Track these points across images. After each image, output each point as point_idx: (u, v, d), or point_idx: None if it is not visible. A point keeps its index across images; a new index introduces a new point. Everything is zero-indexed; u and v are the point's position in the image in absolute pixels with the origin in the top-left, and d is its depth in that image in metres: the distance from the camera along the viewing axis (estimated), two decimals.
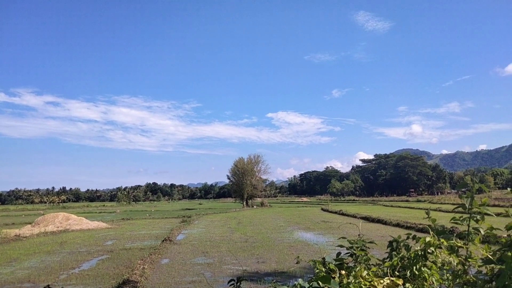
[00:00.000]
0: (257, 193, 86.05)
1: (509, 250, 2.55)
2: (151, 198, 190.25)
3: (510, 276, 2.43)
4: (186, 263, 14.49)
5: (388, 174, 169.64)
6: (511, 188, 3.15)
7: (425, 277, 3.03)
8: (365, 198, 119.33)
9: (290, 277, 11.59)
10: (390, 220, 28.48)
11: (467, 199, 3.36)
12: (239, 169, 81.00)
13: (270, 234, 23.35)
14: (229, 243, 19.66)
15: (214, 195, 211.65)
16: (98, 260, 15.83)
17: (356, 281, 3.10)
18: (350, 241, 4.02)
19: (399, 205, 59.15)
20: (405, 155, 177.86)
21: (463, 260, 3.24)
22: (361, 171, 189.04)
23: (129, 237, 23.92)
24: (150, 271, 12.98)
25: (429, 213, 3.81)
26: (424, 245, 3.16)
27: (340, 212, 43.87)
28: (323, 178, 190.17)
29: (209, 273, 12.63)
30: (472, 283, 3.11)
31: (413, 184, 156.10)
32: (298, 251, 16.49)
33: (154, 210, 71.17)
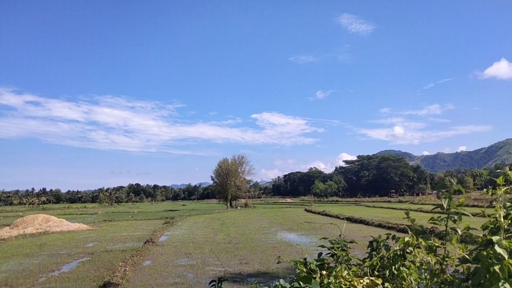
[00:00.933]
0: (241, 194, 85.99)
1: (485, 249, 2.60)
2: (134, 199, 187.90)
3: (486, 275, 2.48)
4: (168, 264, 14.37)
5: (370, 175, 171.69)
6: (486, 189, 3.21)
7: (404, 277, 3.07)
8: (348, 199, 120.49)
9: (273, 277, 11.60)
10: (373, 220, 28.83)
11: (445, 200, 3.42)
12: (223, 170, 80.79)
13: (254, 235, 23.35)
14: (212, 244, 19.58)
15: (197, 196, 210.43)
16: (78, 263, 15.56)
17: (337, 281, 3.13)
18: (331, 241, 4.05)
19: (381, 206, 59.94)
20: (388, 156, 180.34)
21: (441, 260, 3.30)
22: (344, 172, 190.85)
23: (110, 239, 23.59)
24: (132, 273, 12.82)
25: (409, 213, 3.87)
26: (403, 245, 3.21)
27: (323, 212, 44.19)
28: (307, 179, 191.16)
29: (191, 274, 12.55)
30: (450, 282, 3.17)
31: (395, 185, 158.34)
32: (281, 251, 16.53)
33: (136, 211, 70.38)
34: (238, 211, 61.24)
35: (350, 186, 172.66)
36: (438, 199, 3.61)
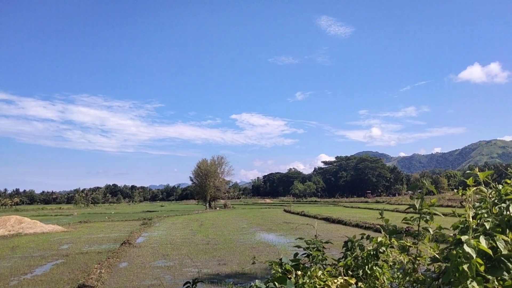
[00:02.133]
0: (220, 195, 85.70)
1: (455, 249, 2.66)
2: (111, 200, 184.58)
3: (455, 273, 2.54)
4: (145, 266, 14.18)
5: (348, 175, 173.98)
6: (457, 189, 3.29)
7: (377, 276, 3.11)
8: (327, 199, 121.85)
9: (252, 278, 11.60)
10: (350, 220, 29.19)
11: (418, 200, 3.49)
12: (202, 171, 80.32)
13: (232, 236, 23.30)
14: (190, 246, 19.43)
15: (176, 197, 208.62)
16: (52, 265, 15.17)
17: (311, 281, 3.14)
18: (307, 241, 4.08)
19: (359, 206, 60.82)
20: (365, 157, 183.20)
21: (413, 259, 3.36)
22: (323, 173, 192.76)
23: (86, 241, 23.11)
24: (108, 275, 12.59)
25: (383, 213, 3.93)
26: (376, 245, 3.25)
27: (302, 213, 44.50)
28: (286, 179, 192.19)
29: (169, 276, 12.42)
30: (421, 281, 3.23)
31: (373, 186, 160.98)
32: (259, 252, 16.54)
33: (113, 212, 69.22)
34: (217, 212, 61.02)
35: (329, 187, 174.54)
36: (411, 200, 3.68)
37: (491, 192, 3.08)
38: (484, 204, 3.05)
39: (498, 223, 2.77)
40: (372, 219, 28.91)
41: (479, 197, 3.18)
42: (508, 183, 3.10)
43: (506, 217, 2.75)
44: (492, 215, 2.85)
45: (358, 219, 29.87)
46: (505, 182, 3.12)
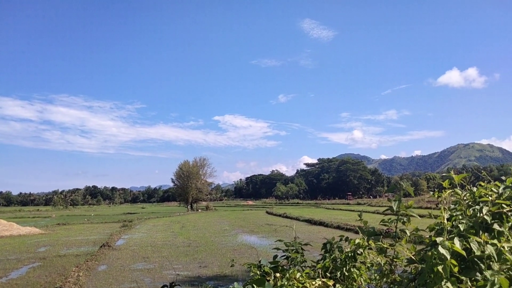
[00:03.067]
0: (202, 197, 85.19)
1: (430, 250, 2.69)
2: (91, 202, 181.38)
3: (430, 275, 2.57)
4: (125, 269, 13.96)
5: (330, 177, 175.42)
6: (433, 191, 3.34)
7: (354, 278, 3.13)
8: (309, 201, 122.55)
9: (233, 280, 11.55)
10: (332, 222, 29.41)
11: (395, 202, 3.53)
12: (184, 172, 79.69)
13: (214, 238, 23.18)
14: (171, 248, 19.24)
15: (157, 199, 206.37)
16: (28, 268, 14.80)
17: (290, 283, 3.14)
18: (286, 243, 4.08)
19: (340, 208, 61.35)
20: (347, 160, 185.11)
21: (390, 261, 3.40)
22: (305, 175, 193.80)
23: (64, 243, 22.63)
24: (86, 278, 12.36)
25: (361, 215, 3.96)
26: (354, 246, 3.27)
27: (284, 215, 44.64)
28: (268, 181, 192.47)
29: (148, 279, 12.26)
30: (398, 282, 3.27)
31: (354, 188, 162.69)
32: (241, 254, 16.50)
33: (93, 214, 68.02)
34: (199, 214, 60.65)
35: (311, 189, 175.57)
36: (389, 202, 3.72)
37: (466, 194, 3.14)
38: (459, 206, 3.11)
39: (472, 224, 2.82)
40: (353, 221, 29.19)
41: (454, 199, 3.24)
42: (482, 186, 3.17)
43: (480, 219, 2.80)
44: (466, 217, 2.90)
45: (339, 221, 30.11)
46: (479, 184, 3.19)
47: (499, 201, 2.85)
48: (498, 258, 2.57)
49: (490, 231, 2.80)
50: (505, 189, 2.99)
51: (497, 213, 2.83)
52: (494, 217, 2.83)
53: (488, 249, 2.56)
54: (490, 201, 2.88)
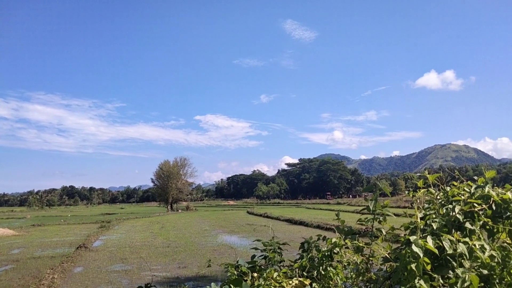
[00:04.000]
0: (183, 197, 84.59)
1: (404, 249, 2.73)
2: (68, 203, 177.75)
3: (404, 272, 2.61)
4: (101, 270, 13.72)
5: (311, 177, 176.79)
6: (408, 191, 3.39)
7: (331, 277, 3.15)
8: (290, 201, 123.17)
9: (212, 281, 11.45)
10: (312, 222, 29.62)
11: (371, 202, 3.57)
12: (164, 172, 78.92)
13: (194, 239, 23.03)
14: (150, 249, 19.02)
15: (137, 199, 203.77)
16: (1, 271, 14.37)
17: (267, 283, 3.14)
18: (264, 243, 4.08)
19: (321, 208, 61.88)
20: (327, 160, 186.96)
21: (366, 259, 3.44)
22: (286, 175, 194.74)
23: (39, 245, 22.07)
24: (61, 280, 12.09)
25: (339, 214, 3.99)
26: (331, 245, 3.30)
27: (265, 214, 44.73)
28: (250, 181, 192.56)
29: (126, 280, 12.08)
30: (374, 280, 3.31)
31: (334, 187, 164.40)
32: (221, 254, 16.44)
33: (70, 215, 66.61)
34: (179, 214, 60.17)
35: (292, 188, 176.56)
36: (366, 201, 3.77)
37: (439, 194, 3.20)
38: (433, 206, 3.17)
39: (445, 223, 2.88)
40: (333, 221, 29.49)
41: (429, 199, 3.30)
42: (455, 185, 3.24)
43: (452, 218, 2.86)
44: (439, 216, 2.96)
45: (319, 220, 30.35)
46: (452, 184, 3.26)
47: (471, 200, 2.91)
48: (469, 256, 2.63)
49: (462, 230, 2.86)
50: (476, 189, 3.06)
51: (469, 212, 2.89)
52: (466, 216, 2.89)
53: (460, 247, 2.62)
54: (462, 200, 2.95)
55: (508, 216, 2.95)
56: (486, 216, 2.90)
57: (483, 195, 2.97)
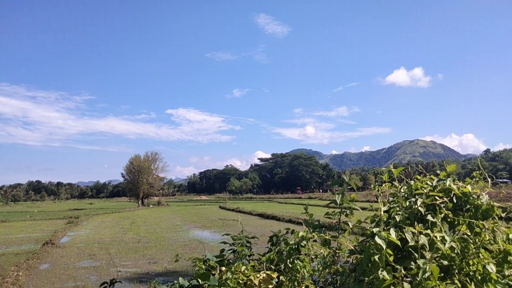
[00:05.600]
0: (154, 192, 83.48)
1: (368, 241, 2.80)
2: (34, 198, 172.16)
3: (368, 264, 2.67)
4: (69, 267, 13.38)
5: (283, 172, 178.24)
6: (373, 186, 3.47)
7: (298, 269, 3.19)
8: (262, 196, 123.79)
9: (183, 276, 11.36)
10: (284, 216, 29.89)
11: (338, 195, 3.63)
12: (135, 167, 77.51)
13: (165, 234, 22.80)
14: (120, 244, 18.69)
15: (107, 194, 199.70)
16: None
17: (235, 277, 3.15)
18: (233, 237, 4.08)
19: (293, 202, 62.55)
20: (300, 155, 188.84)
21: (333, 252, 3.50)
22: (259, 170, 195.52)
23: (3, 242, 21.28)
24: (26, 278, 11.71)
25: (307, 208, 4.05)
26: (298, 239, 3.33)
27: (237, 209, 44.80)
28: (222, 176, 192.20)
29: (94, 277, 11.83)
30: (341, 272, 3.37)
31: (306, 182, 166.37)
32: (192, 249, 16.36)
33: (36, 211, 64.54)
34: (150, 209, 59.40)
35: (265, 183, 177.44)
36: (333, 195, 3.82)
37: (403, 187, 3.29)
38: (397, 199, 3.26)
39: (407, 216, 2.96)
40: (302, 214, 29.81)
41: (393, 192, 3.38)
42: (419, 179, 3.33)
43: (415, 210, 2.94)
44: (403, 208, 3.04)
45: (291, 215, 30.66)
46: (416, 178, 3.35)
47: (433, 193, 3.01)
48: (430, 247, 2.72)
49: (424, 222, 2.95)
50: (438, 182, 3.16)
51: (431, 205, 2.99)
52: (428, 209, 2.99)
53: (422, 239, 2.70)
54: (424, 193, 3.04)
55: (468, 208, 3.06)
56: (447, 209, 3.00)
57: (445, 189, 3.07)
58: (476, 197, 3.02)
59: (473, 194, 3.04)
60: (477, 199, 3.01)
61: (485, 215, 2.97)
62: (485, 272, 2.70)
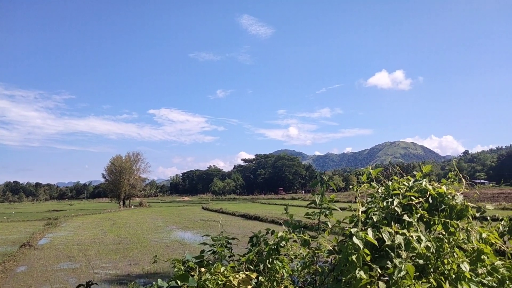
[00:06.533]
0: (136, 193, 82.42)
1: (347, 241, 2.83)
2: (11, 199, 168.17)
3: (346, 264, 2.70)
4: (47, 269, 13.10)
5: (267, 173, 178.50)
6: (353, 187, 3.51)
7: (277, 270, 3.20)
8: (245, 196, 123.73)
9: (164, 277, 11.29)
10: (266, 217, 29.94)
11: (318, 196, 3.67)
12: (116, 168, 76.42)
13: (146, 235, 22.56)
14: (100, 246, 18.40)
15: (87, 195, 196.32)
16: None
17: (214, 277, 3.14)
18: (213, 238, 4.07)
19: (276, 203, 62.67)
20: (283, 156, 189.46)
21: (312, 252, 3.52)
22: (242, 170, 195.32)
23: None
24: (2, 281, 11.43)
25: (287, 209, 4.07)
26: (277, 239, 3.34)
27: (220, 210, 44.64)
28: (205, 177, 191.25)
29: (73, 279, 11.62)
30: (320, 272, 3.40)
31: (289, 183, 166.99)
32: (174, 251, 16.24)
33: (14, 212, 63.01)
34: (132, 211, 58.69)
35: (248, 184, 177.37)
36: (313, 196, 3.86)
37: (380, 188, 3.34)
38: (375, 199, 3.30)
39: (384, 216, 3.00)
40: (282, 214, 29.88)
41: (371, 193, 3.43)
42: (396, 180, 3.39)
43: (392, 211, 2.99)
44: (380, 209, 3.08)
45: (274, 215, 30.74)
46: (393, 179, 3.40)
47: (409, 193, 3.06)
48: (406, 247, 2.76)
49: (401, 222, 2.99)
50: (414, 183, 3.22)
51: (408, 205, 3.04)
52: (404, 209, 3.04)
53: (398, 238, 2.74)
54: (401, 194, 3.09)
55: (443, 209, 3.13)
56: (423, 209, 3.05)
57: (421, 189, 3.13)
58: (451, 197, 3.09)
59: (448, 195, 3.10)
60: (452, 200, 3.08)
61: (459, 215, 3.04)
62: (459, 270, 2.75)
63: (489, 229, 3.18)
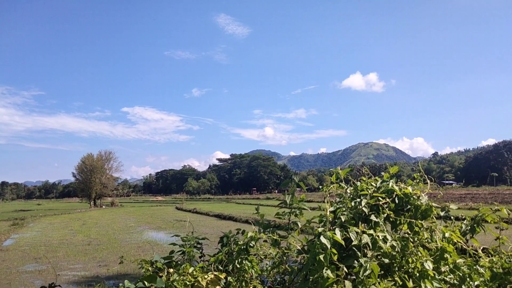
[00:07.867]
0: (107, 192, 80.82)
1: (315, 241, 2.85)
2: None
3: (313, 263, 2.72)
4: (11, 271, 12.64)
5: (242, 173, 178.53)
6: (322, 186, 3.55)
7: (246, 270, 3.20)
8: (220, 196, 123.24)
9: (135, 279, 11.11)
10: (241, 217, 29.89)
11: (288, 196, 3.68)
12: (87, 166, 74.65)
13: (117, 236, 22.13)
14: (68, 247, 17.91)
15: (56, 194, 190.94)
16: None
17: (182, 278, 3.11)
18: (183, 238, 4.03)
19: (250, 203, 62.71)
20: (258, 156, 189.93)
21: (282, 252, 3.54)
22: (217, 170, 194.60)
23: None
24: None
25: (258, 208, 4.07)
26: (247, 239, 3.34)
27: (194, 210, 44.29)
28: (180, 176, 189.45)
29: (39, 281, 11.25)
30: (289, 272, 3.42)
31: (264, 183, 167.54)
32: (145, 251, 15.98)
33: None
34: (103, 211, 57.46)
35: (223, 184, 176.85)
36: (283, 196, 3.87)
37: (349, 188, 3.39)
38: (344, 200, 3.35)
39: (352, 216, 3.05)
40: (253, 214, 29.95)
41: (340, 193, 3.48)
42: (364, 180, 3.45)
43: (360, 211, 3.04)
44: (348, 209, 3.13)
45: (248, 215, 30.71)
46: (361, 179, 3.46)
47: (376, 194, 3.12)
48: (373, 246, 2.81)
49: (368, 222, 3.05)
50: (382, 183, 3.29)
51: (375, 205, 3.10)
52: (372, 209, 3.10)
53: (365, 238, 2.79)
54: (369, 194, 3.15)
55: (409, 209, 3.21)
56: (390, 209, 3.12)
57: (388, 190, 3.20)
58: (416, 198, 3.17)
59: (414, 195, 3.19)
60: (417, 200, 3.16)
61: (424, 215, 3.12)
62: (423, 269, 2.83)
63: (452, 228, 3.28)
